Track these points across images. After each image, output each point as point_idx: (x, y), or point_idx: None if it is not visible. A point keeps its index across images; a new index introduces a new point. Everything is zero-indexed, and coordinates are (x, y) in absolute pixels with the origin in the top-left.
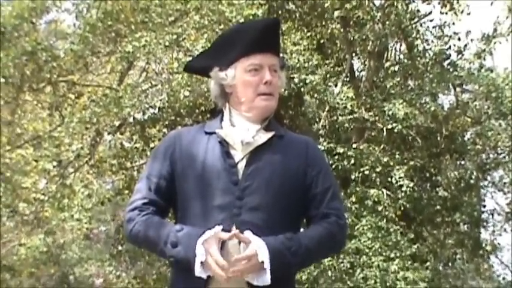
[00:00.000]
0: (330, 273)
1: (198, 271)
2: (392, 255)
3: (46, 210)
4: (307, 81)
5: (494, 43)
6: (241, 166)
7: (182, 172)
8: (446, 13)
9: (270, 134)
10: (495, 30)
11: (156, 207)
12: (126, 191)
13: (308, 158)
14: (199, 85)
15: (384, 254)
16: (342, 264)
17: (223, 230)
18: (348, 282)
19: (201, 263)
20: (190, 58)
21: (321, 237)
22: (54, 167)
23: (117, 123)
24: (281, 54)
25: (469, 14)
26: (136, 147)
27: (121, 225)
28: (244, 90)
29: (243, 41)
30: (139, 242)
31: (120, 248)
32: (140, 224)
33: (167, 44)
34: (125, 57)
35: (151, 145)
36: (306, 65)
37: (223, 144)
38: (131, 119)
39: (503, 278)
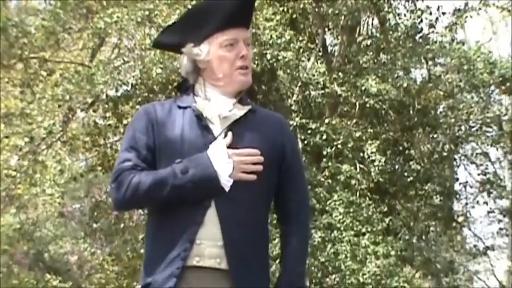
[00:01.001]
0: None
1: (226, 179)
2: (363, 229)
3: (18, 187)
4: (280, 57)
5: (466, 17)
6: None
7: (161, 147)
8: None
9: (246, 109)
10: (466, 4)
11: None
12: (99, 168)
13: (284, 135)
14: (171, 62)
15: (355, 228)
16: (313, 239)
17: (203, 206)
18: (319, 257)
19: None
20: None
21: (304, 252)
22: (26, 143)
23: (89, 100)
24: (253, 30)
25: None
26: (109, 124)
27: (96, 202)
28: (220, 66)
29: (217, 16)
30: (141, 193)
31: (94, 225)
32: (138, 176)
33: (139, 20)
34: (96, 33)
35: (124, 122)
36: (279, 41)
37: (201, 118)
38: (104, 96)
39: (477, 249)
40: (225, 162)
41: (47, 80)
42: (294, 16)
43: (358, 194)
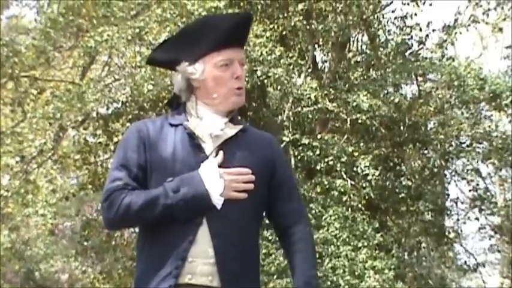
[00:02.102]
0: None
1: (217, 198)
2: (359, 244)
3: (10, 206)
4: (270, 74)
5: (455, 33)
6: None
7: (152, 165)
8: (408, 4)
9: (237, 128)
10: (456, 20)
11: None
12: (90, 186)
13: (274, 152)
14: (162, 78)
15: (351, 243)
16: None
17: (195, 223)
18: (317, 272)
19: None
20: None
21: (314, 256)
22: (17, 162)
23: (80, 118)
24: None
25: (430, 5)
26: (100, 142)
27: (88, 220)
28: (215, 86)
29: (212, 36)
30: (132, 213)
31: (85, 243)
32: (129, 195)
33: (129, 38)
34: (87, 51)
35: (115, 139)
36: (269, 57)
37: (193, 136)
38: (94, 114)
39: (468, 265)
40: (216, 181)
41: (37, 99)
42: (284, 33)
43: (351, 209)
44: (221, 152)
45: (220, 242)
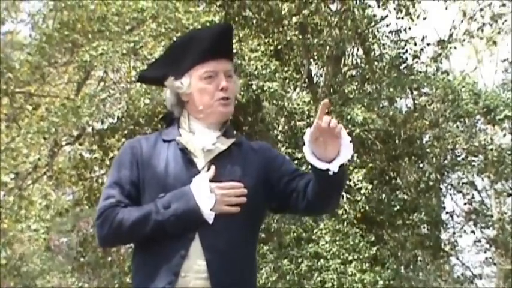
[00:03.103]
0: (288, 277)
1: (208, 213)
2: (350, 257)
3: (4, 222)
4: (265, 88)
5: (450, 48)
6: None
7: (146, 182)
8: (403, 18)
9: (230, 142)
10: (451, 35)
11: None
12: (86, 202)
13: (265, 158)
14: (158, 93)
15: (341, 256)
16: (299, 268)
17: (188, 238)
18: (306, 286)
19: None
20: (146, 67)
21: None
22: (12, 179)
23: (75, 133)
24: (238, 61)
25: (425, 19)
26: (95, 158)
27: (84, 235)
28: (201, 98)
29: (196, 49)
30: (124, 230)
31: (82, 259)
32: (121, 213)
33: (124, 52)
34: (82, 66)
35: (111, 155)
36: (264, 71)
37: (185, 151)
38: (90, 129)
39: (464, 278)
40: (207, 195)
41: (32, 115)
42: (279, 47)
43: (345, 223)
44: (213, 167)
45: (213, 256)
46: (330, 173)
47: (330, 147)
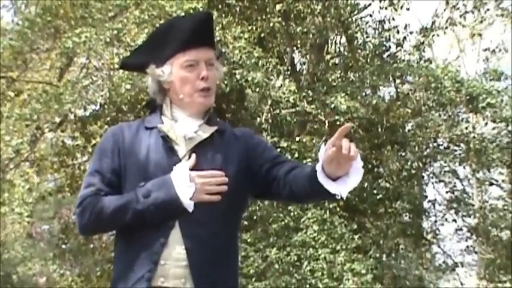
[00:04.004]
0: (277, 266)
1: (187, 202)
2: (338, 247)
3: None
4: (249, 78)
5: (433, 36)
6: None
7: (127, 169)
8: (386, 8)
9: (212, 129)
10: (433, 23)
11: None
12: (68, 189)
13: (249, 146)
14: (140, 79)
15: (330, 246)
16: (288, 257)
17: (167, 226)
18: (296, 275)
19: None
20: (129, 54)
21: None
22: None
23: (57, 119)
24: (222, 49)
25: (408, 9)
26: (77, 145)
27: (65, 223)
28: (182, 87)
29: (177, 37)
30: (104, 218)
31: (63, 246)
32: (102, 201)
33: (107, 39)
34: (64, 53)
35: (93, 142)
36: (248, 61)
37: (166, 139)
38: (72, 116)
39: (446, 266)
40: (187, 184)
41: (14, 101)
42: (263, 35)
43: (329, 211)
44: (193, 155)
45: (193, 245)
46: (338, 197)
47: (341, 167)
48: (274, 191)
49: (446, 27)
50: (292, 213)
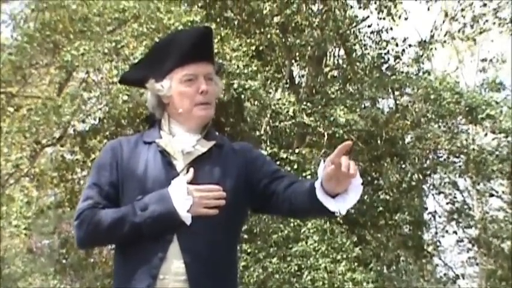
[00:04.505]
0: (277, 276)
1: (185, 215)
2: (338, 257)
3: None
4: (247, 86)
5: (431, 49)
6: None
7: (125, 183)
8: (384, 18)
9: (210, 144)
10: (432, 36)
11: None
12: (67, 203)
13: (248, 161)
14: (137, 90)
15: (330, 256)
16: (289, 267)
17: (166, 240)
18: (296, 285)
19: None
20: (128, 67)
21: None
22: None
23: (57, 134)
24: (220, 61)
25: (406, 19)
26: (77, 159)
27: (66, 237)
28: (181, 101)
29: (176, 52)
30: (101, 231)
31: (64, 261)
32: (99, 214)
33: (106, 52)
34: (63, 67)
35: (92, 156)
36: (246, 71)
37: (164, 154)
38: (71, 131)
39: (447, 278)
40: (184, 198)
41: (14, 116)
42: (261, 48)
43: (329, 222)
44: (191, 169)
45: (191, 259)
46: (337, 214)
47: (340, 184)
48: (273, 205)
49: (445, 41)
50: (291, 224)
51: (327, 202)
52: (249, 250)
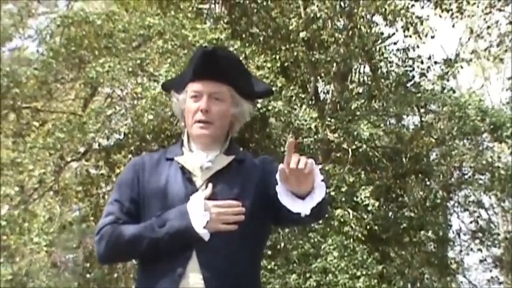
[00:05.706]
0: None
1: (202, 231)
2: (358, 273)
3: (10, 238)
4: (270, 107)
5: (457, 67)
6: None
7: (146, 199)
8: (410, 36)
9: (229, 159)
10: (457, 54)
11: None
12: (92, 218)
13: (266, 172)
14: (162, 109)
15: (349, 272)
16: (308, 283)
17: (185, 256)
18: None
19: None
20: (154, 83)
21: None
22: (16, 192)
23: (81, 149)
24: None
25: (433, 37)
26: (102, 174)
27: (90, 252)
28: (187, 117)
29: (191, 67)
30: (121, 247)
31: (88, 276)
32: (119, 229)
33: (131, 69)
34: (88, 83)
35: (117, 171)
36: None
37: (184, 170)
38: (96, 145)
39: None
40: (201, 213)
41: (39, 130)
42: (286, 64)
43: (351, 239)
44: (210, 185)
45: (211, 274)
46: (302, 215)
47: (303, 183)
48: (290, 217)
49: (471, 60)
50: (312, 240)
51: (292, 204)
52: (268, 266)
